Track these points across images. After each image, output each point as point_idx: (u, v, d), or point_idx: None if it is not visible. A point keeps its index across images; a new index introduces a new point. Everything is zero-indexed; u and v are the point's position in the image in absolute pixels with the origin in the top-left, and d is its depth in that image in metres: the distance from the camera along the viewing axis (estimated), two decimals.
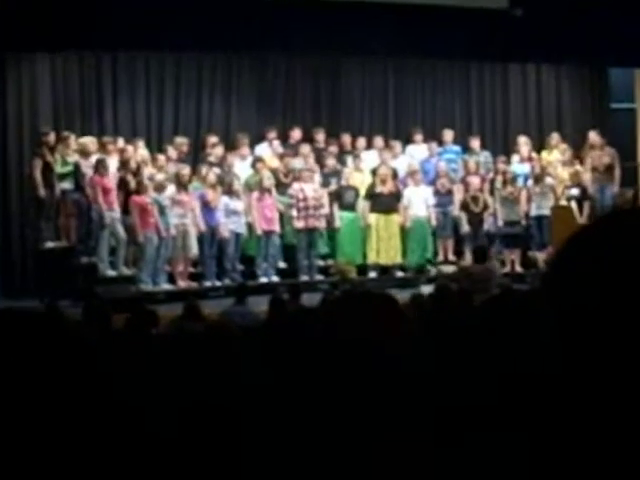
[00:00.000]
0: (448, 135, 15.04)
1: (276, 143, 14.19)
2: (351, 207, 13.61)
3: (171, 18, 13.56)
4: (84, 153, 12.49)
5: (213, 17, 13.62)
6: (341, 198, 13.58)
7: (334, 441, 1.53)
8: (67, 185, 12.37)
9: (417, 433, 1.50)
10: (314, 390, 1.57)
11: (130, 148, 13.00)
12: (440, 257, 13.93)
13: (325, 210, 13.41)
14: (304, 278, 13.09)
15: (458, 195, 14.03)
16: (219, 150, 13.66)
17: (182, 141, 13.70)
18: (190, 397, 1.78)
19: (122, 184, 12.11)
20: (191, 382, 1.80)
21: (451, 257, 13.83)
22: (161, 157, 13.10)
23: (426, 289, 11.31)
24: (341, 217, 13.54)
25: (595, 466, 0.90)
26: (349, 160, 14.24)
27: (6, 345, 1.35)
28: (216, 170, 13.11)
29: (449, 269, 12.94)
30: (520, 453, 1.27)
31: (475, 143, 14.85)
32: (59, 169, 12.34)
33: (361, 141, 14.58)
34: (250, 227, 12.99)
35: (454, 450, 1.53)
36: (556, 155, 14.66)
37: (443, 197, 14.01)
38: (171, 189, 12.49)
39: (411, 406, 1.51)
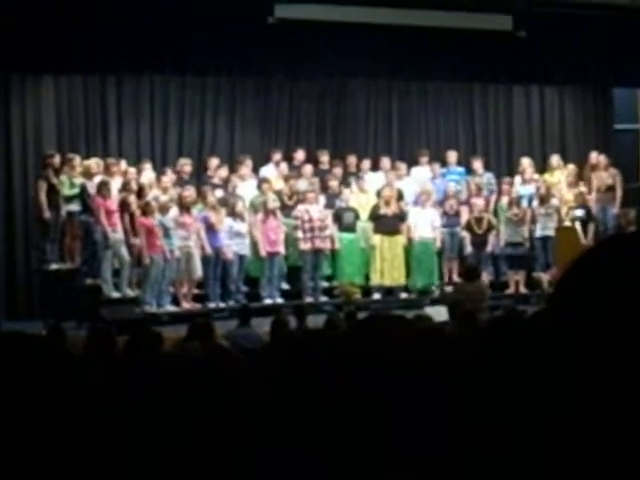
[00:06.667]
0: (452, 156, 15.05)
1: (282, 165, 14.21)
2: (350, 228, 13.60)
3: (175, 42, 13.62)
4: (88, 175, 12.52)
5: (217, 41, 13.67)
6: (340, 219, 13.56)
7: (336, 463, 1.52)
8: (74, 207, 12.40)
9: (433, 456, 1.48)
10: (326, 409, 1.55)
11: (132, 170, 13.03)
12: (445, 278, 13.90)
13: (330, 231, 13.40)
14: (309, 300, 13.07)
15: (465, 216, 14.02)
16: (223, 172, 13.68)
17: (184, 162, 13.73)
18: (190, 418, 1.77)
19: (123, 206, 12.12)
20: (191, 403, 1.79)
21: (456, 279, 13.77)
22: (166, 179, 13.12)
23: (430, 311, 11.28)
24: (340, 238, 13.52)
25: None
26: (353, 181, 14.24)
27: (6, 370, 1.34)
28: (219, 192, 13.13)
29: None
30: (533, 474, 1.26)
31: (477, 164, 14.86)
32: (66, 191, 12.35)
33: (366, 163, 14.59)
34: (254, 248, 12.99)
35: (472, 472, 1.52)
36: (557, 176, 14.65)
37: (451, 218, 14.00)
38: (174, 211, 12.51)
39: (425, 424, 1.49)
